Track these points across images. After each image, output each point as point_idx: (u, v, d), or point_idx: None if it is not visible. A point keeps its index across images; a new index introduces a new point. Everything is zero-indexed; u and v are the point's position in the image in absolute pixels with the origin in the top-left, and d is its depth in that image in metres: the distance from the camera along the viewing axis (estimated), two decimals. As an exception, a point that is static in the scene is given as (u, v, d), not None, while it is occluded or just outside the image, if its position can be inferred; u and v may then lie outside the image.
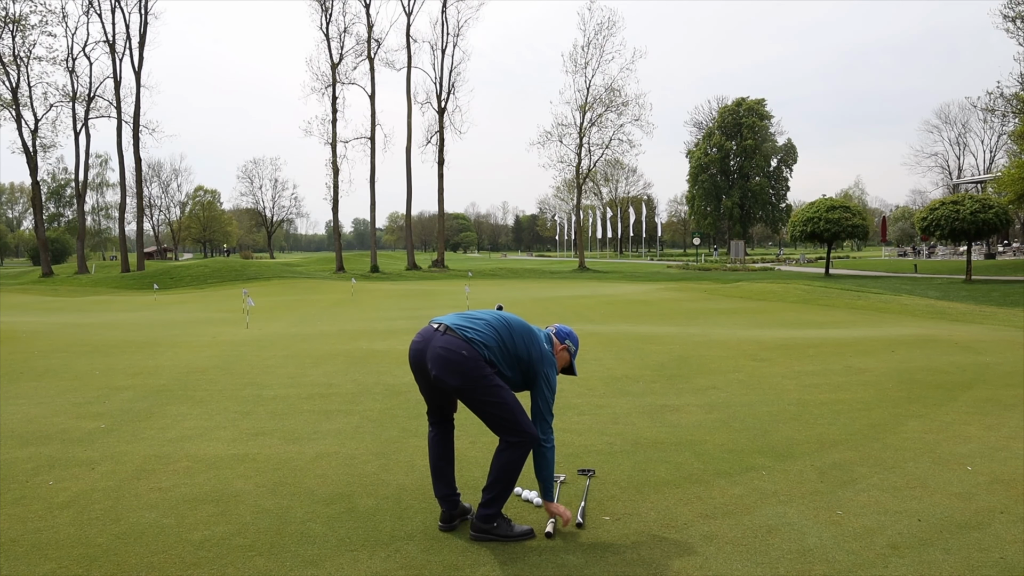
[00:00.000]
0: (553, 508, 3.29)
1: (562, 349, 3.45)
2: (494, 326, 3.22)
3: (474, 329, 3.16)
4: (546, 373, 3.26)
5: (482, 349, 3.10)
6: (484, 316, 3.28)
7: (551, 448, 3.24)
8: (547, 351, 3.32)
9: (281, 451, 4.65)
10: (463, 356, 3.05)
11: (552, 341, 3.43)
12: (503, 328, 3.22)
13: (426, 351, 3.14)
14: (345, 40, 44.09)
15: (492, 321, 3.24)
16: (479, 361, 3.08)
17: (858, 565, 2.90)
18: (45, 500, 3.76)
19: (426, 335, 3.19)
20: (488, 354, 3.12)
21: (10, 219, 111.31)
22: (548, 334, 3.45)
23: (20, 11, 40.63)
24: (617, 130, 45.13)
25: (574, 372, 3.54)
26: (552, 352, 3.37)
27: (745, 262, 48.64)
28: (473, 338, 3.11)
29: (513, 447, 3.15)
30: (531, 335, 3.29)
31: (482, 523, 3.18)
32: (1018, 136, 33.90)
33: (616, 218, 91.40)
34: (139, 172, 46.60)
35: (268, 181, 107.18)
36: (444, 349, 3.07)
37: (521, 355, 3.22)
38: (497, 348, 3.16)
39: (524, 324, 3.33)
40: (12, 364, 8.40)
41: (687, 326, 12.19)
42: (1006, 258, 40.78)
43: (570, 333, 3.51)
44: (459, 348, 3.06)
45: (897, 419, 5.32)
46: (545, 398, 3.24)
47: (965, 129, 73.89)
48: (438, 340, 3.11)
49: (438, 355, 3.08)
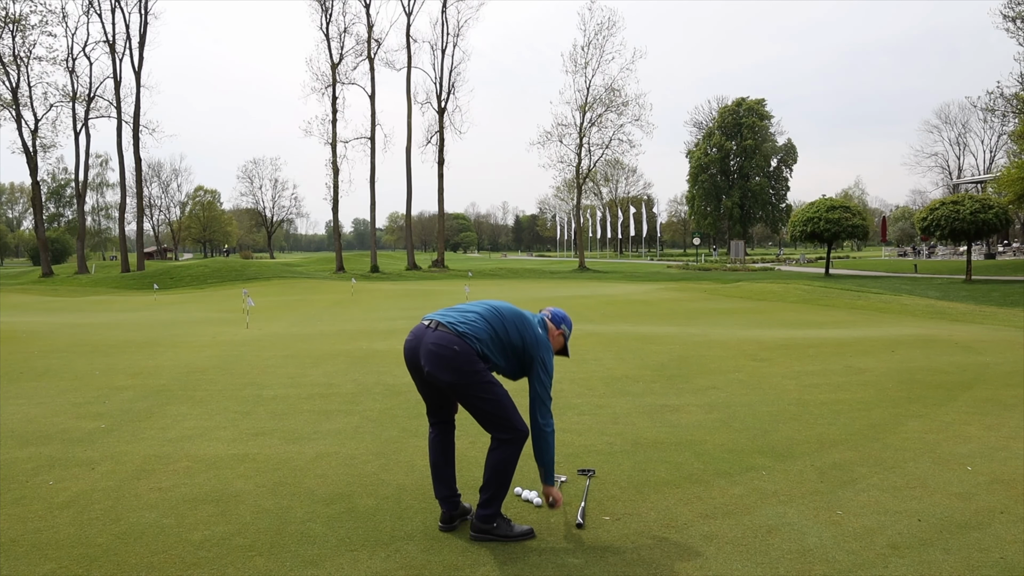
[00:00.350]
0: (551, 492, 3.32)
1: (558, 334, 3.48)
2: (485, 317, 3.21)
3: (465, 323, 3.16)
4: (542, 358, 3.26)
5: (474, 343, 3.10)
6: (475, 308, 3.28)
7: (551, 432, 3.25)
8: (541, 336, 3.32)
9: (281, 451, 4.65)
10: (455, 351, 3.05)
11: (546, 325, 3.43)
12: (495, 318, 3.23)
13: (419, 348, 3.15)
14: (345, 40, 44.11)
15: (483, 312, 3.24)
16: (471, 356, 3.08)
17: (858, 565, 2.90)
18: (45, 500, 3.76)
19: (418, 332, 3.20)
20: (480, 347, 3.12)
21: (10, 219, 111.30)
22: (542, 319, 3.45)
23: (20, 11, 40.65)
24: (617, 130, 45.16)
25: (567, 354, 3.56)
26: (547, 336, 3.38)
27: (745, 262, 48.63)
28: (465, 332, 3.11)
29: (504, 444, 3.15)
30: (523, 321, 3.29)
31: (482, 523, 3.19)
32: (1018, 136, 33.92)
33: (616, 218, 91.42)
34: (139, 172, 46.54)
35: (268, 181, 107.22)
36: (436, 345, 3.07)
37: (515, 343, 3.22)
38: (489, 340, 3.16)
39: (516, 311, 3.33)
40: (12, 364, 8.40)
41: (687, 326, 12.19)
42: (1006, 258, 40.79)
43: (564, 317, 3.53)
44: (451, 343, 3.06)
45: (897, 419, 5.32)
46: (542, 382, 3.24)
47: (965, 129, 73.89)
48: (430, 336, 3.11)
49: (430, 351, 3.08)
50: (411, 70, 44.33)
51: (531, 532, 3.24)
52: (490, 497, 3.18)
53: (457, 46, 48.30)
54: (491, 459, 3.18)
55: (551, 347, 3.36)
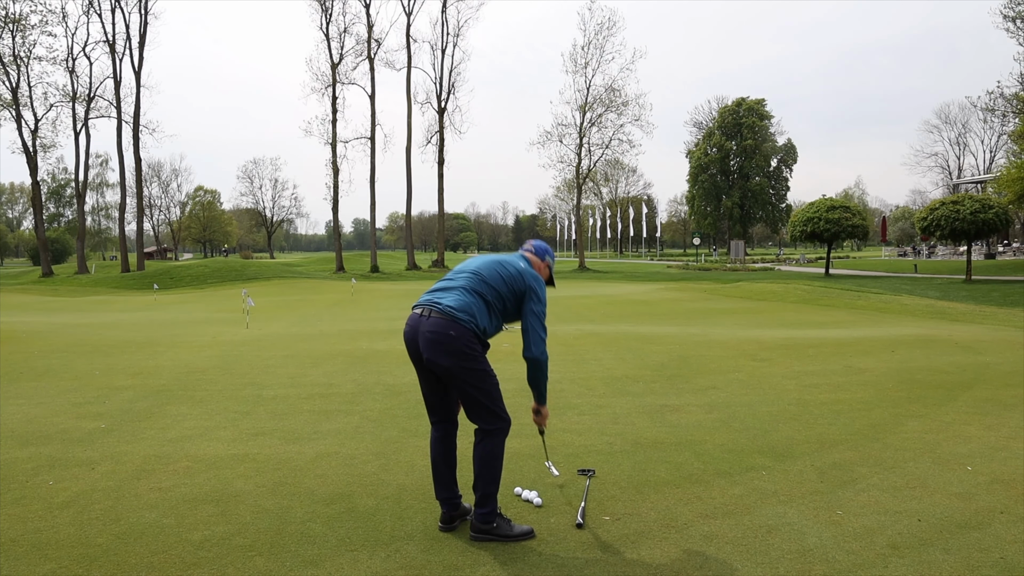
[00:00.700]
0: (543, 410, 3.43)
1: (544, 266, 3.51)
2: (468, 288, 3.21)
3: (456, 303, 3.16)
4: (532, 287, 3.28)
5: (468, 323, 3.11)
6: (459, 283, 3.27)
7: (546, 360, 3.29)
8: (525, 268, 3.34)
9: (281, 451, 4.66)
10: (451, 336, 3.07)
11: (529, 260, 3.46)
12: (477, 283, 3.23)
13: (417, 337, 3.17)
14: (345, 40, 44.13)
15: (466, 283, 3.24)
16: (469, 338, 3.10)
17: (858, 565, 2.90)
18: (45, 500, 3.76)
19: (413, 322, 3.22)
20: (473, 324, 3.12)
21: (10, 219, 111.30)
22: (522, 254, 3.48)
23: (20, 11, 40.70)
24: (617, 130, 45.11)
25: (553, 283, 3.58)
26: (532, 267, 3.41)
27: (745, 262, 48.63)
28: (456, 316, 3.11)
29: (489, 436, 3.17)
30: (505, 268, 3.30)
31: (481, 523, 3.19)
32: (1018, 136, 33.92)
33: (616, 218, 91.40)
34: (139, 172, 46.55)
35: (268, 181, 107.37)
36: (432, 332, 3.10)
37: (502, 293, 3.23)
38: (477, 308, 3.16)
39: (495, 267, 3.31)
40: (12, 364, 8.41)
41: (687, 326, 12.19)
42: (1006, 258, 40.79)
43: (547, 249, 3.56)
44: (447, 329, 3.08)
45: (897, 419, 5.32)
46: (535, 313, 3.24)
47: (965, 129, 73.94)
48: (425, 324, 3.14)
49: (428, 339, 3.11)
50: (411, 70, 44.40)
51: (531, 532, 3.24)
52: (483, 495, 3.18)
53: (457, 46, 48.40)
54: (477, 452, 3.20)
55: (540, 277, 3.39)
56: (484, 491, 3.18)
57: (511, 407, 5.83)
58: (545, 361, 3.27)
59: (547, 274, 3.52)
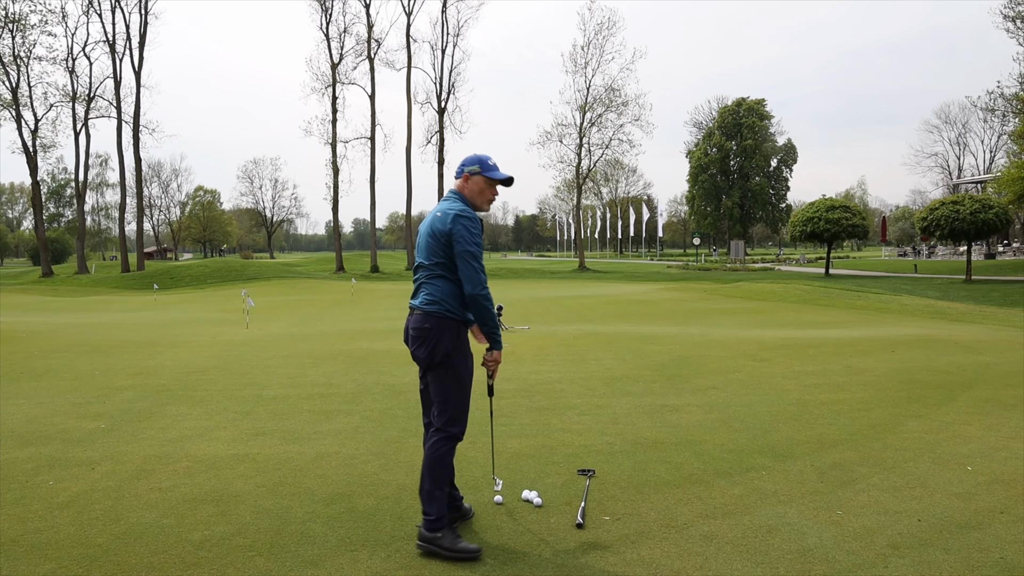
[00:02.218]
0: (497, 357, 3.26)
1: (471, 183, 3.23)
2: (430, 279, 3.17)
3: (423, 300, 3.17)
4: (452, 230, 3.07)
5: (439, 312, 3.12)
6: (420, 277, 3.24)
7: (484, 296, 3.08)
8: (447, 209, 3.14)
9: (281, 451, 4.66)
10: (427, 329, 3.14)
11: (456, 190, 3.26)
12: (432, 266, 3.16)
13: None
14: (345, 40, 44.14)
15: (428, 264, 3.18)
16: (447, 326, 3.12)
17: (858, 565, 2.91)
18: (45, 500, 3.76)
19: (407, 322, 3.31)
20: (446, 308, 3.12)
21: (10, 219, 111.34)
22: (452, 189, 3.31)
23: (20, 11, 40.69)
24: (617, 130, 45.12)
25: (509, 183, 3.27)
26: (461, 202, 3.19)
27: (745, 262, 48.63)
28: (426, 309, 3.15)
29: (443, 439, 3.16)
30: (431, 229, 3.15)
31: (426, 531, 3.09)
32: (1018, 136, 33.91)
33: (616, 218, 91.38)
34: (139, 172, 46.55)
35: (268, 181, 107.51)
36: (414, 329, 3.19)
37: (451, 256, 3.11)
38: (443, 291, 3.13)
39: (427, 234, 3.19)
40: (12, 364, 8.41)
41: (687, 326, 12.19)
42: (1006, 258, 40.78)
43: (468, 160, 3.25)
44: (423, 323, 3.15)
45: (897, 419, 5.32)
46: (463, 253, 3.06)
47: (965, 129, 73.90)
48: (409, 322, 3.25)
49: (411, 336, 3.22)
50: (411, 70, 44.36)
51: (477, 552, 3.03)
52: (427, 497, 3.12)
53: (457, 46, 48.37)
54: (428, 450, 3.18)
55: (465, 210, 3.14)
56: (427, 493, 3.12)
57: (511, 407, 5.88)
58: (483, 297, 3.07)
59: (479, 184, 3.22)
